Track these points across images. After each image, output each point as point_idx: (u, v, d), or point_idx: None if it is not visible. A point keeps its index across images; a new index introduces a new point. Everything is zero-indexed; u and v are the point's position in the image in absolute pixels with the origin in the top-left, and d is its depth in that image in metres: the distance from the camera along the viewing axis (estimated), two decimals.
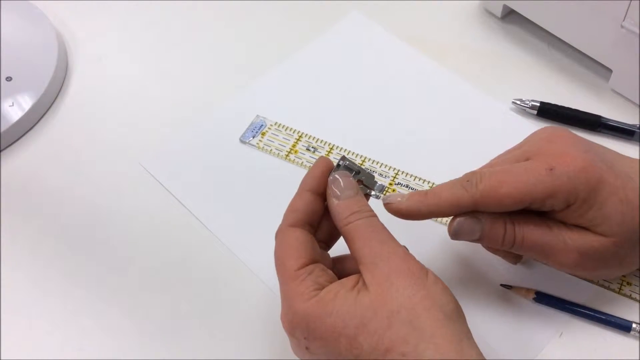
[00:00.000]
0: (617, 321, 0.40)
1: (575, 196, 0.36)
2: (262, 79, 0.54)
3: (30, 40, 0.55)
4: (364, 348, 0.31)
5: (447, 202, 0.37)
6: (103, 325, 0.42)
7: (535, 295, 0.41)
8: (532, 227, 0.37)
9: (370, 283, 0.33)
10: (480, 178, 0.37)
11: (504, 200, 0.36)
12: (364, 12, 0.57)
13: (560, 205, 0.36)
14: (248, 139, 0.50)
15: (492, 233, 0.38)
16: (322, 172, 0.37)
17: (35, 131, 0.52)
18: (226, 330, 0.42)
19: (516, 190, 0.36)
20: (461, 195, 0.37)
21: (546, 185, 0.36)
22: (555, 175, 0.36)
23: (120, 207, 0.47)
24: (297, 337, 0.34)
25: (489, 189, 0.36)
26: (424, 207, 0.37)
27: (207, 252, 0.45)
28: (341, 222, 0.35)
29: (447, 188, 0.37)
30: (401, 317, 0.31)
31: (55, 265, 0.45)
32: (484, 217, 0.38)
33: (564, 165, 0.36)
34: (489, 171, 0.37)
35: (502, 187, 0.36)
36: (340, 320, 0.32)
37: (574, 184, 0.36)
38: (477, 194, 0.36)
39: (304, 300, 0.33)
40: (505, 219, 0.37)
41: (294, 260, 0.34)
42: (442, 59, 0.54)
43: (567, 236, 0.37)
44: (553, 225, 0.37)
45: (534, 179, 0.36)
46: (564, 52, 0.53)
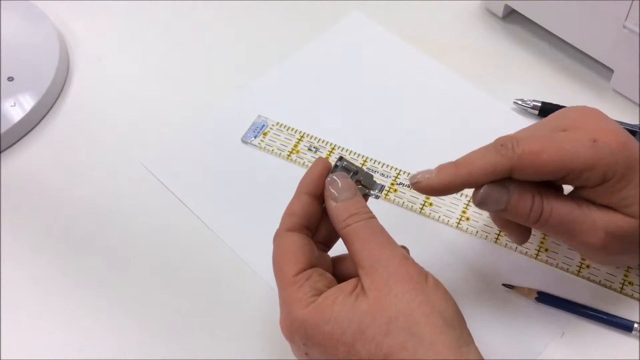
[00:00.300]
0: (619, 321, 0.40)
1: (614, 171, 0.35)
2: (264, 78, 0.54)
3: (31, 41, 0.55)
4: (362, 355, 0.31)
5: (481, 170, 0.35)
6: (104, 325, 0.42)
7: (537, 295, 0.41)
8: (561, 202, 0.36)
9: (368, 288, 0.32)
10: (517, 142, 0.35)
11: (543, 167, 0.35)
12: (365, 11, 0.57)
13: (596, 179, 0.35)
14: (250, 139, 0.50)
15: (519, 204, 0.36)
16: (320, 173, 0.37)
17: (37, 131, 0.52)
18: (227, 330, 0.42)
19: (558, 158, 0.34)
20: (497, 160, 0.35)
21: (588, 156, 0.34)
22: (598, 147, 0.35)
23: (122, 207, 0.47)
24: (296, 342, 0.34)
25: (528, 154, 0.35)
26: (457, 179, 0.35)
27: (209, 252, 0.45)
28: (339, 225, 0.35)
29: (480, 155, 0.36)
30: (399, 324, 0.31)
31: (56, 266, 0.45)
32: (512, 187, 0.36)
33: (607, 139, 0.35)
34: (527, 136, 0.36)
35: (544, 152, 0.34)
36: (338, 328, 0.32)
37: (615, 157, 0.35)
38: (515, 158, 0.35)
39: (302, 306, 0.33)
40: (534, 190, 0.36)
41: (292, 266, 0.34)
42: (443, 59, 0.54)
43: (596, 215, 0.36)
44: (582, 203, 0.36)
45: (577, 149, 0.35)
46: (565, 52, 0.53)
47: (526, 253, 0.43)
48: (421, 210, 0.45)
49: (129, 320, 0.42)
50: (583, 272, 0.42)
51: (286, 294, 0.34)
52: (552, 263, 0.43)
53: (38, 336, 0.42)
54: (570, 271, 0.42)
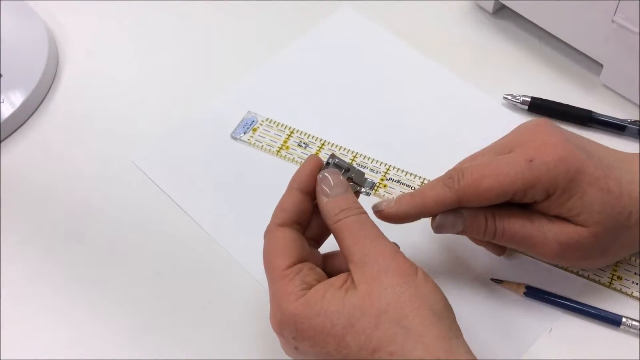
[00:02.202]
0: (607, 315, 0.40)
1: (555, 186, 0.36)
2: (253, 74, 0.53)
3: (20, 37, 0.55)
4: (352, 348, 0.31)
5: (432, 202, 0.37)
6: (94, 321, 0.42)
7: (526, 289, 0.41)
8: (513, 219, 0.38)
9: (359, 281, 0.33)
10: (462, 174, 0.37)
11: (486, 194, 0.37)
12: (355, 7, 0.57)
13: (540, 196, 0.37)
14: (239, 135, 0.50)
15: (473, 226, 0.38)
16: (311, 170, 0.37)
17: (26, 128, 0.51)
18: (219, 327, 0.42)
19: (497, 184, 0.36)
20: (444, 193, 0.37)
21: (525, 177, 0.36)
22: (534, 167, 0.36)
23: (112, 204, 0.47)
24: (285, 336, 0.34)
25: (470, 184, 0.37)
26: (411, 209, 0.38)
27: (199, 248, 0.45)
28: (330, 220, 0.35)
29: (431, 188, 0.38)
30: (389, 317, 0.31)
31: (47, 262, 0.45)
32: (465, 211, 0.38)
33: (543, 156, 0.36)
34: (470, 166, 0.38)
35: (484, 181, 0.36)
36: (328, 321, 0.32)
37: (553, 174, 0.36)
38: (460, 190, 0.37)
39: (292, 300, 0.33)
40: (486, 212, 0.38)
41: (282, 260, 0.34)
42: (433, 54, 0.53)
43: (547, 228, 0.37)
44: (534, 217, 0.38)
45: (514, 171, 0.36)
46: (555, 47, 0.53)
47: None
48: None
49: (119, 316, 0.42)
50: (572, 267, 0.42)
51: (276, 287, 0.34)
52: (541, 258, 0.43)
53: (28, 332, 0.42)
54: (559, 266, 0.42)
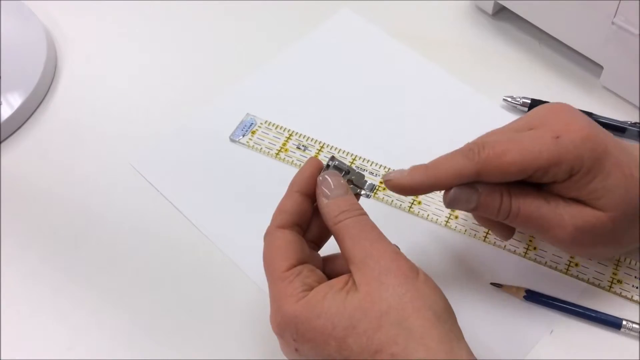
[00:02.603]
0: (607, 318, 0.40)
1: (580, 164, 0.35)
2: (252, 77, 0.53)
3: (19, 39, 0.55)
4: (354, 349, 0.31)
5: (449, 173, 0.36)
6: (92, 324, 0.42)
7: (526, 293, 0.41)
8: (529, 199, 0.36)
9: (360, 283, 0.32)
10: (482, 146, 0.36)
11: (508, 168, 0.35)
12: (354, 9, 0.57)
13: (563, 174, 0.35)
14: (238, 138, 0.49)
15: (488, 203, 0.37)
16: (311, 172, 0.37)
17: (24, 130, 0.51)
18: (216, 330, 0.42)
19: (521, 158, 0.35)
20: (463, 164, 0.36)
21: (552, 153, 0.35)
22: (561, 143, 0.35)
23: (110, 206, 0.47)
24: (286, 338, 0.33)
25: (492, 157, 0.35)
26: (426, 181, 0.36)
27: (197, 251, 0.45)
28: (331, 222, 0.35)
29: (448, 159, 0.36)
30: (391, 318, 0.31)
31: (45, 264, 0.45)
32: (480, 187, 0.37)
33: (570, 133, 0.35)
34: (492, 140, 0.36)
35: (507, 154, 0.35)
36: (329, 322, 0.32)
37: (579, 151, 0.35)
38: (481, 162, 0.35)
39: (293, 302, 0.33)
40: (502, 189, 0.37)
41: (282, 262, 0.34)
42: (432, 56, 0.53)
43: (564, 210, 0.36)
44: (550, 199, 0.36)
45: (540, 147, 0.35)
46: (555, 49, 0.53)
47: (515, 251, 0.43)
48: (410, 208, 0.45)
49: (118, 319, 0.42)
50: (571, 271, 0.42)
51: (276, 289, 0.34)
52: (541, 261, 0.43)
53: (26, 334, 0.42)
54: (559, 269, 0.42)
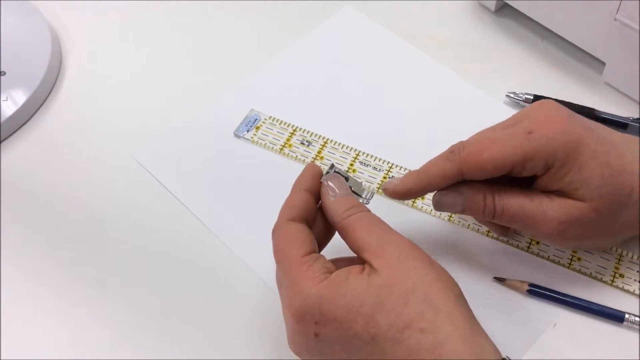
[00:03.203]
0: (610, 312, 0.40)
1: (554, 158, 0.36)
2: (256, 73, 0.54)
3: (24, 36, 0.55)
4: (382, 326, 0.31)
5: (436, 176, 0.38)
6: (96, 320, 0.42)
7: (529, 287, 0.41)
8: (512, 198, 0.38)
9: (380, 266, 0.33)
10: (462, 147, 0.38)
11: (486, 166, 0.37)
12: (357, 5, 0.57)
13: (540, 168, 0.37)
14: (242, 133, 0.50)
15: (473, 204, 0.39)
16: (313, 174, 0.37)
17: (29, 126, 0.51)
18: (221, 325, 0.42)
19: (497, 155, 0.37)
20: (447, 166, 0.38)
21: (525, 149, 0.36)
22: (533, 138, 0.37)
23: (115, 202, 0.47)
24: (306, 323, 0.33)
25: (471, 156, 0.37)
26: (417, 184, 0.39)
27: (202, 246, 0.45)
28: (339, 217, 0.36)
29: (434, 162, 0.39)
30: (417, 295, 0.32)
31: (49, 260, 0.45)
32: (465, 190, 0.39)
33: (543, 129, 0.37)
34: (471, 139, 0.38)
35: (484, 152, 0.37)
36: (356, 300, 0.32)
37: (552, 146, 0.36)
38: (461, 162, 0.37)
39: (315, 283, 0.33)
40: (486, 190, 0.38)
41: (299, 249, 0.34)
42: (435, 53, 0.54)
43: (547, 206, 0.37)
44: (534, 196, 0.38)
45: (514, 143, 0.37)
46: (557, 46, 0.53)
47: (517, 246, 0.43)
48: (413, 203, 0.46)
49: (121, 315, 0.42)
50: (574, 265, 0.42)
51: (295, 274, 0.34)
52: (544, 256, 0.43)
53: (30, 331, 0.42)
54: (562, 264, 0.42)
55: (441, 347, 0.30)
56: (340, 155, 0.48)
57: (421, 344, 0.31)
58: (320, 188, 0.37)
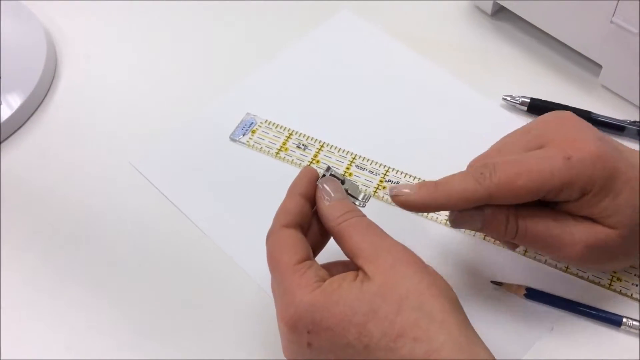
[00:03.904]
0: (607, 316, 0.40)
1: (592, 185, 0.35)
2: (252, 76, 0.53)
3: (19, 39, 0.55)
4: (375, 335, 0.31)
5: (459, 196, 0.36)
6: (92, 324, 0.42)
7: (526, 291, 0.41)
8: (536, 219, 0.36)
9: (374, 273, 0.32)
10: (494, 169, 0.35)
11: (520, 193, 0.35)
12: (354, 9, 0.57)
13: (575, 194, 0.35)
14: (238, 137, 0.50)
15: (494, 224, 0.37)
16: (309, 178, 0.37)
17: (24, 130, 0.51)
18: (217, 330, 0.42)
19: (533, 182, 0.35)
20: (475, 188, 0.35)
21: (563, 175, 0.35)
22: (572, 164, 0.35)
23: (110, 206, 0.47)
24: (298, 332, 0.33)
25: (505, 182, 0.35)
26: (435, 201, 0.36)
27: (198, 251, 0.45)
28: (334, 222, 0.35)
29: (459, 181, 0.36)
30: (411, 303, 0.31)
31: (45, 265, 0.45)
32: (485, 208, 0.36)
33: (581, 152, 0.35)
34: (503, 162, 0.36)
35: (519, 179, 0.35)
36: (348, 308, 0.32)
37: (591, 172, 0.35)
38: (493, 187, 0.35)
39: (308, 291, 0.32)
40: (509, 210, 0.36)
41: (292, 256, 0.34)
42: (432, 56, 0.54)
43: (575, 229, 0.36)
44: (559, 217, 0.36)
45: (551, 169, 0.35)
46: (554, 49, 0.53)
47: (514, 250, 0.43)
48: None
49: (118, 319, 0.42)
50: (572, 269, 0.42)
51: (287, 282, 0.33)
52: (541, 259, 0.43)
53: (26, 334, 0.42)
54: (559, 267, 0.42)
55: (435, 355, 0.30)
56: (337, 159, 0.48)
57: (414, 352, 0.30)
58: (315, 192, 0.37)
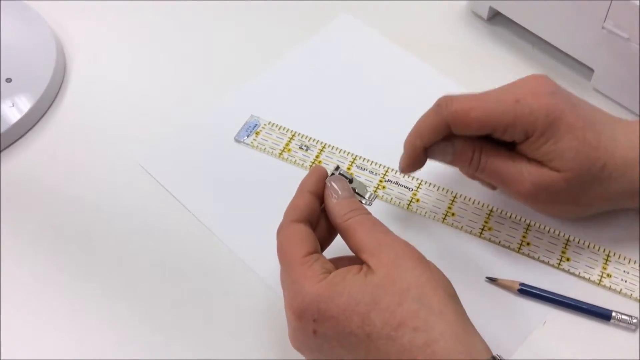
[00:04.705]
0: (598, 310, 0.42)
1: (533, 128, 0.39)
2: (256, 79, 0.55)
3: (28, 42, 0.56)
4: (376, 324, 0.33)
5: (426, 129, 0.41)
6: (101, 321, 0.43)
7: (520, 287, 0.43)
8: (496, 156, 0.41)
9: (377, 266, 0.34)
10: (450, 101, 0.40)
11: (472, 123, 0.40)
12: (354, 12, 0.59)
13: (519, 135, 0.40)
14: (243, 138, 0.51)
15: (461, 156, 0.42)
16: (319, 176, 0.39)
17: (35, 132, 0.52)
18: (225, 327, 0.43)
19: (484, 115, 0.40)
20: (435, 119, 0.41)
21: (509, 115, 0.39)
22: (519, 107, 0.39)
23: (119, 205, 0.48)
24: (305, 320, 0.34)
25: (459, 112, 0.40)
26: (414, 145, 0.42)
27: (205, 248, 0.46)
28: (341, 219, 0.37)
29: (423, 117, 0.42)
30: (411, 295, 0.33)
31: (55, 263, 0.46)
32: (456, 141, 0.42)
33: (529, 99, 0.40)
34: (461, 96, 0.41)
35: (471, 111, 0.40)
36: (352, 299, 0.33)
37: (533, 116, 0.39)
38: (449, 116, 0.40)
39: (315, 282, 0.34)
40: (475, 145, 0.42)
41: (301, 249, 0.36)
42: (430, 59, 0.55)
43: (525, 168, 0.41)
44: (516, 158, 0.41)
45: (501, 107, 0.40)
46: (548, 53, 0.55)
47: (509, 247, 0.45)
48: (408, 206, 0.47)
49: (126, 317, 0.43)
50: (563, 265, 0.44)
51: (296, 273, 0.35)
52: (534, 256, 0.44)
53: (34, 333, 0.43)
54: (551, 264, 0.44)
55: (433, 344, 0.32)
56: (338, 160, 0.49)
57: (414, 341, 0.32)
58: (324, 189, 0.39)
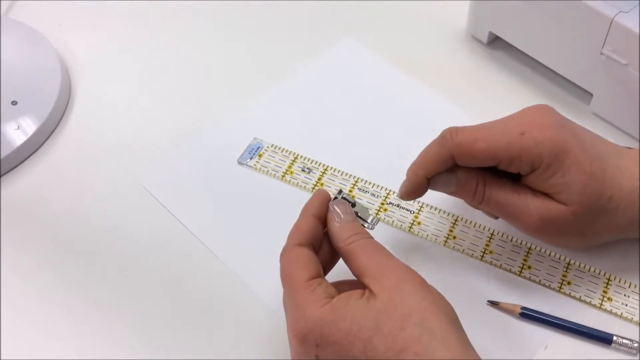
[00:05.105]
0: (599, 334, 0.42)
1: (540, 161, 0.39)
2: (259, 102, 0.55)
3: (33, 65, 0.56)
4: (379, 349, 0.33)
5: (431, 160, 0.41)
6: (103, 341, 0.43)
7: (521, 310, 0.43)
8: (501, 189, 0.41)
9: (379, 291, 0.35)
10: (456, 132, 0.41)
11: (477, 155, 0.40)
12: (356, 36, 0.59)
13: (525, 168, 0.40)
14: (245, 161, 0.51)
15: (465, 188, 0.42)
16: (322, 200, 0.39)
17: (39, 154, 0.53)
18: (227, 350, 0.43)
19: (489, 148, 0.40)
20: (440, 150, 0.41)
21: (515, 147, 0.39)
22: (525, 140, 0.39)
23: (122, 227, 0.49)
24: (308, 345, 0.35)
25: (464, 143, 0.40)
26: (417, 175, 0.42)
27: (207, 271, 0.46)
28: (344, 242, 0.38)
29: (427, 148, 0.42)
30: (413, 320, 0.33)
31: (58, 283, 0.46)
32: (459, 172, 0.42)
33: (535, 131, 0.40)
34: (466, 127, 0.41)
35: (477, 143, 0.40)
36: (354, 324, 0.34)
37: (540, 149, 0.39)
38: (453, 148, 0.40)
39: (318, 306, 0.35)
40: (479, 177, 0.41)
41: (304, 273, 0.36)
42: (431, 83, 0.56)
43: (531, 201, 0.40)
44: (521, 190, 0.41)
45: (507, 140, 0.40)
46: (547, 77, 0.55)
47: (510, 270, 0.45)
48: (410, 229, 0.47)
49: (128, 337, 0.44)
50: (564, 289, 0.44)
51: (299, 297, 0.35)
52: (535, 280, 0.45)
53: (39, 350, 0.43)
54: (552, 287, 0.44)
55: None
56: (340, 182, 0.50)
57: None
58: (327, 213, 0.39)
